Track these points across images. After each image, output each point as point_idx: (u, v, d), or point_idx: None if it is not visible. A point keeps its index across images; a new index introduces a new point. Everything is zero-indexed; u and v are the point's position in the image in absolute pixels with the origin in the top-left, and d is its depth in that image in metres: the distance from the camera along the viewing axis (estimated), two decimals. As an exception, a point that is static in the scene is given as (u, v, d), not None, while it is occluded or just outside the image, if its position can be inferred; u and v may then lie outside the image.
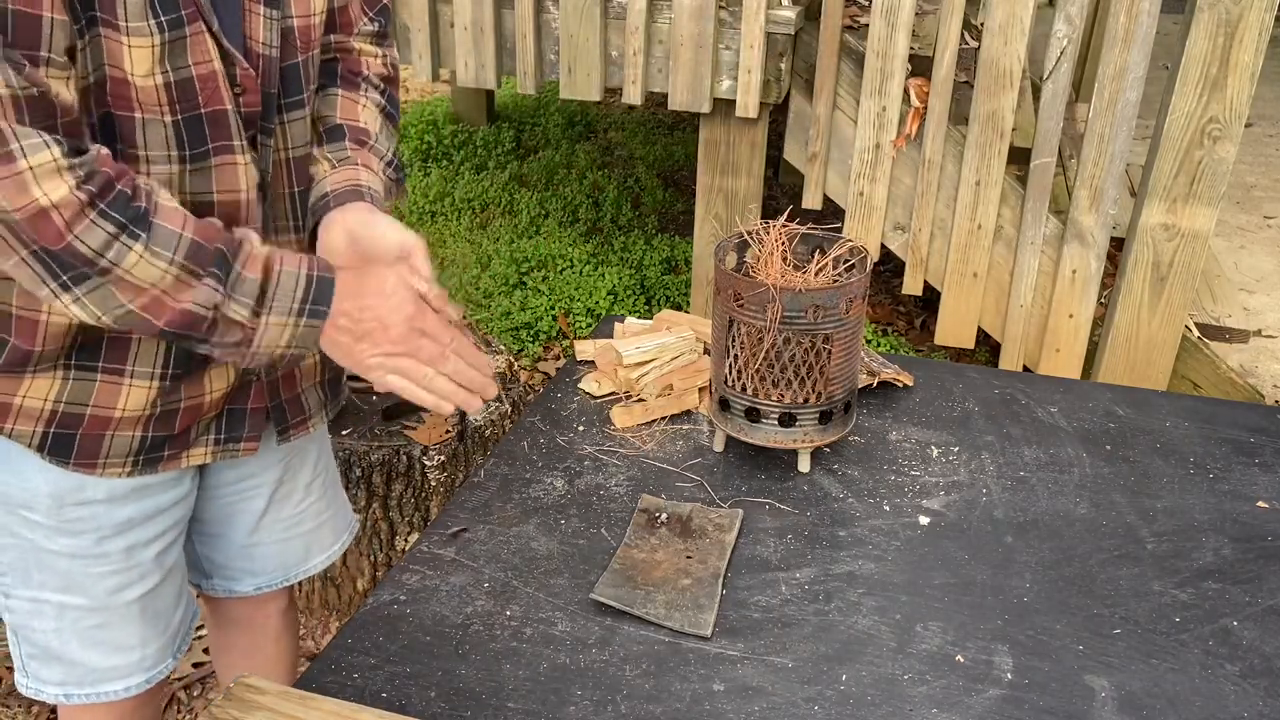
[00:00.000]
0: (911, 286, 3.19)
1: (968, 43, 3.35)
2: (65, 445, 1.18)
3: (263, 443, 1.33)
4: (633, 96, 3.07)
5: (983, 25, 2.84)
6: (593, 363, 1.84)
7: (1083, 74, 4.44)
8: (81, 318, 1.02)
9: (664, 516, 1.44)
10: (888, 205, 3.11)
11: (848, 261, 1.56)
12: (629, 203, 4.58)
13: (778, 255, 1.53)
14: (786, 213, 1.70)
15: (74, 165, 0.96)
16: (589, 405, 1.73)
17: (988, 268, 3.08)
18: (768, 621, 1.28)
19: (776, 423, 1.52)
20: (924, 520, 1.47)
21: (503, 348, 2.64)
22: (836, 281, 1.51)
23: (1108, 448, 1.66)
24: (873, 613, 1.30)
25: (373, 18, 1.35)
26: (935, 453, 1.63)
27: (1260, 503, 1.54)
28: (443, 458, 2.26)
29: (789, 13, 2.94)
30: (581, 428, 1.67)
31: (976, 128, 2.92)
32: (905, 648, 1.25)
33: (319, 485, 1.51)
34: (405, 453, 2.23)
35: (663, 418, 1.70)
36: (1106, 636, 1.27)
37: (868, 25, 2.95)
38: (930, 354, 3.55)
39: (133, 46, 1.02)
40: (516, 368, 2.62)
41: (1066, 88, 2.84)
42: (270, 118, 1.18)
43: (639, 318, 1.95)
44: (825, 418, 1.52)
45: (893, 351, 3.51)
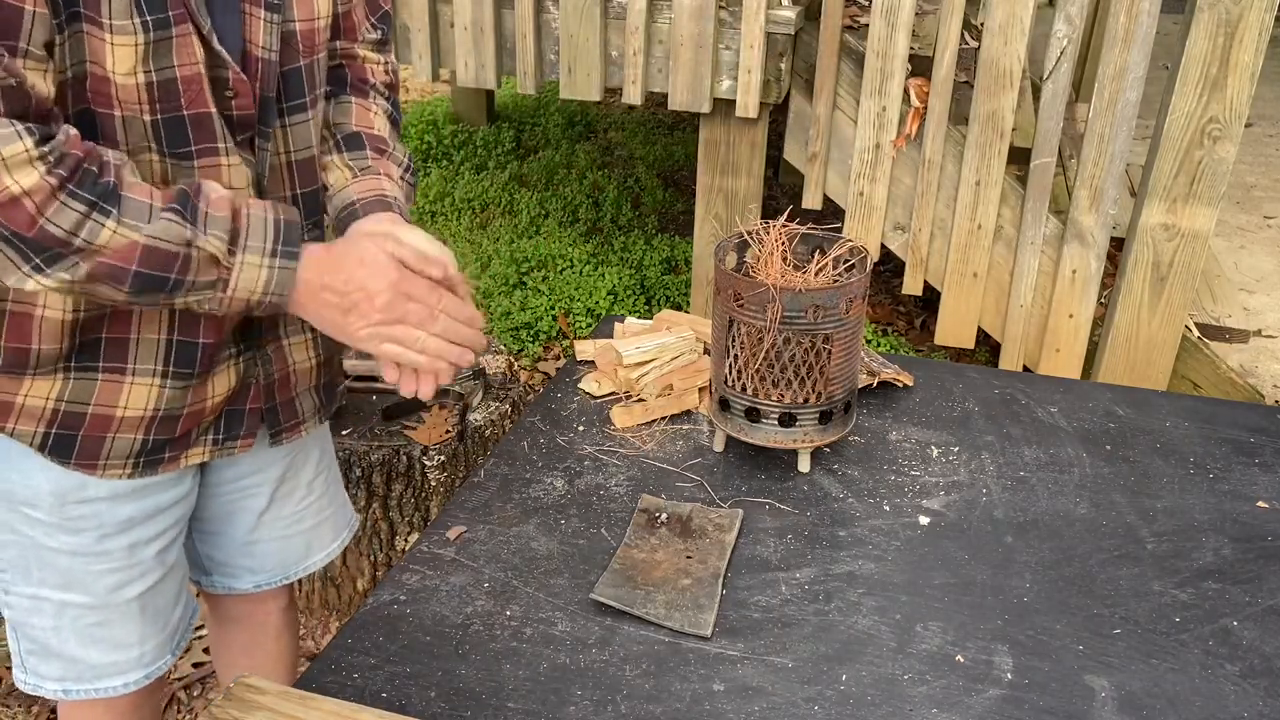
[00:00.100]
0: (911, 286, 3.19)
1: (968, 43, 3.35)
2: (66, 446, 1.18)
3: (257, 442, 1.33)
4: (633, 96, 3.07)
5: (983, 25, 2.84)
6: (593, 363, 1.84)
7: (1083, 74, 4.44)
8: (54, 287, 1.01)
9: (664, 516, 1.44)
10: (888, 205, 3.11)
11: (848, 261, 1.56)
12: (629, 203, 4.58)
13: (778, 255, 1.53)
14: (786, 213, 1.70)
15: (45, 153, 0.95)
16: (589, 405, 1.73)
17: (988, 268, 3.08)
18: (768, 621, 1.28)
19: (776, 423, 1.52)
20: (924, 520, 1.47)
21: (503, 348, 2.64)
22: (836, 281, 1.51)
23: (1108, 448, 1.66)
24: (873, 613, 1.30)
25: (375, 25, 1.35)
26: (935, 453, 1.63)
27: (1260, 503, 1.54)
28: (443, 458, 2.26)
29: (789, 13, 2.94)
30: (581, 428, 1.67)
31: (976, 128, 2.92)
32: (905, 648, 1.25)
33: (320, 483, 1.51)
34: (405, 453, 2.23)
35: (663, 418, 1.70)
36: (1106, 636, 1.27)
37: (868, 25, 2.95)
38: (930, 354, 3.55)
39: (115, 45, 1.02)
40: (516, 368, 2.62)
41: (1066, 88, 2.84)
42: (268, 121, 1.18)
43: (639, 318, 1.95)
44: (825, 418, 1.52)
45: (893, 351, 3.51)
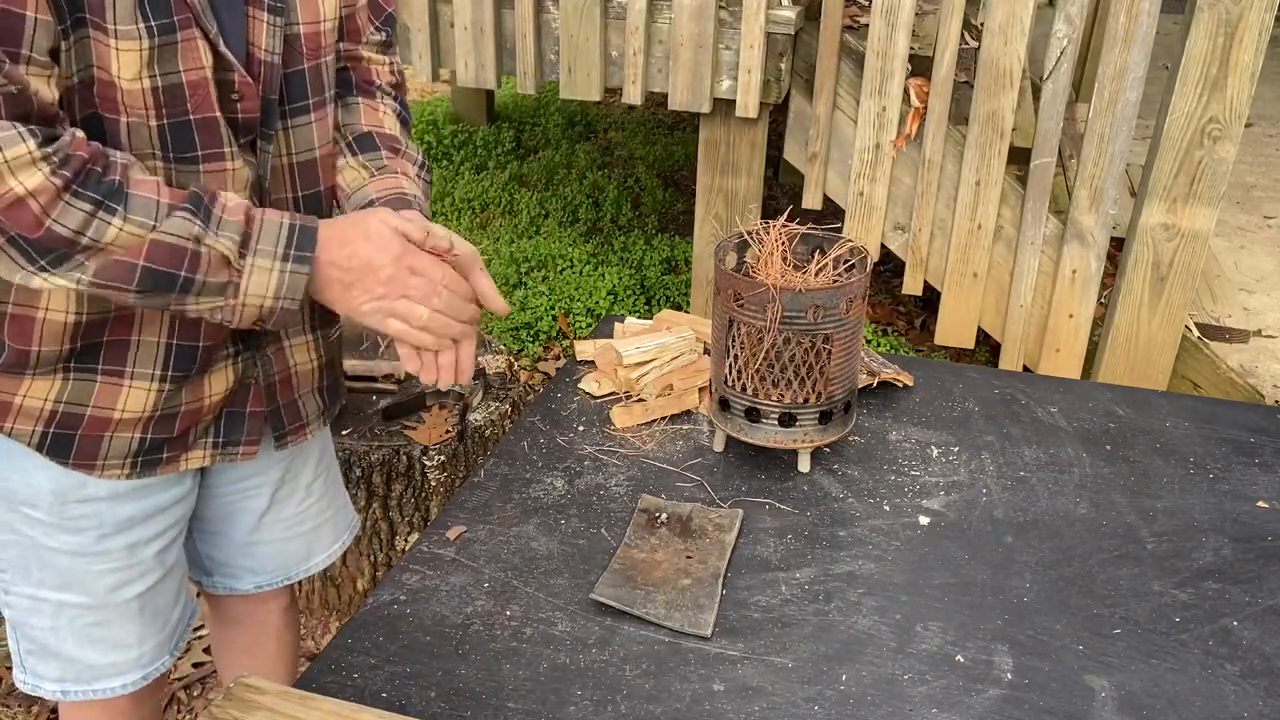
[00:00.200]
0: (911, 286, 3.19)
1: (968, 43, 3.36)
2: (64, 445, 1.18)
3: (261, 447, 1.33)
4: (633, 96, 3.07)
5: (983, 25, 2.84)
6: (593, 363, 1.84)
7: (1083, 74, 4.44)
8: (62, 285, 1.01)
9: (664, 516, 1.44)
10: (888, 205, 3.11)
11: (848, 261, 1.56)
12: (629, 203, 4.58)
13: (778, 255, 1.53)
14: (786, 213, 1.70)
15: (49, 154, 0.95)
16: (589, 405, 1.73)
17: (988, 268, 3.08)
18: (768, 621, 1.28)
19: (776, 423, 1.52)
20: (924, 520, 1.47)
21: (503, 348, 2.64)
22: (836, 281, 1.51)
23: (1108, 448, 1.66)
24: (873, 613, 1.30)
25: (379, 26, 1.34)
26: (935, 453, 1.63)
27: (1260, 503, 1.54)
28: (443, 458, 2.26)
29: (789, 13, 2.94)
30: (581, 428, 1.67)
31: (976, 128, 2.92)
32: (905, 648, 1.25)
33: (320, 485, 1.51)
34: (405, 453, 2.23)
35: (663, 418, 1.70)
36: (1106, 636, 1.27)
37: (868, 25, 2.95)
38: (930, 354, 3.55)
39: (120, 49, 1.01)
40: (516, 368, 2.62)
41: (1066, 88, 2.84)
42: (271, 123, 1.17)
43: (639, 318, 1.95)
44: (825, 418, 1.52)
45: (893, 351, 3.51)
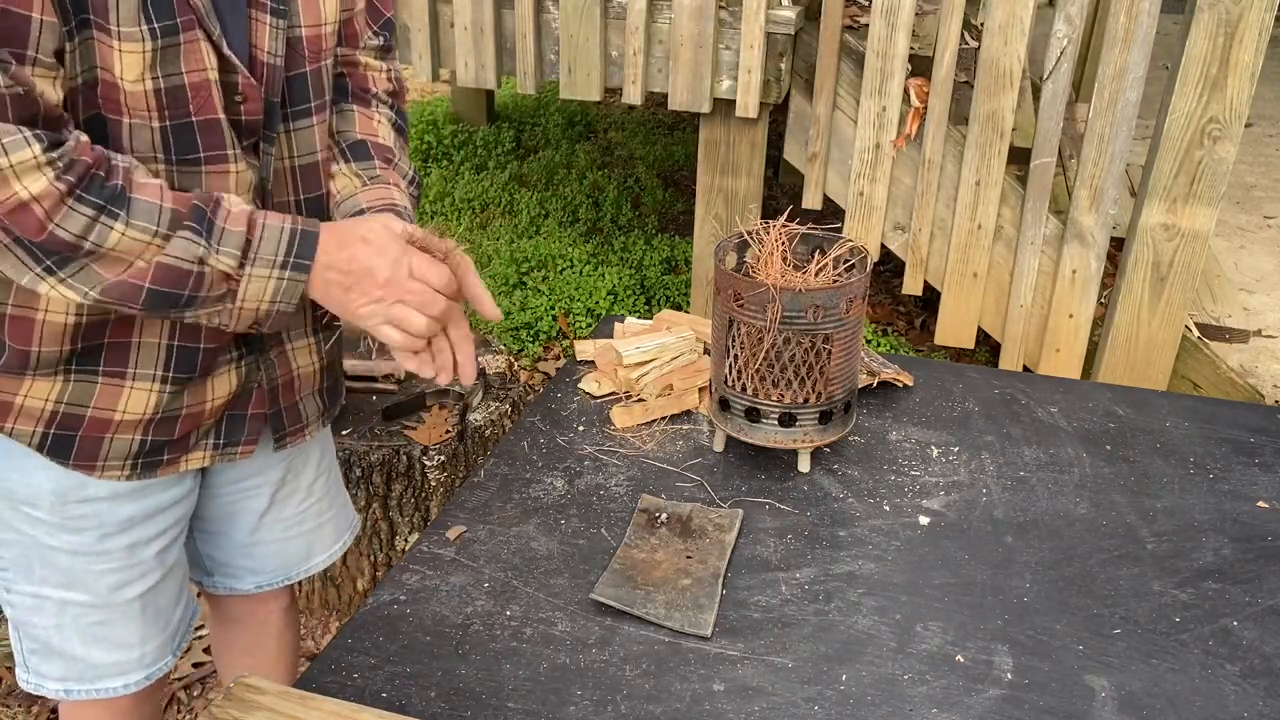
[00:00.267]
0: (911, 286, 3.19)
1: (968, 43, 3.35)
2: (64, 446, 1.18)
3: (260, 447, 1.33)
4: (633, 96, 3.07)
5: (983, 25, 2.84)
6: (593, 363, 1.84)
7: (1083, 74, 4.44)
8: (69, 297, 1.02)
9: (664, 516, 1.44)
10: (888, 205, 3.11)
11: (848, 261, 1.56)
12: (629, 203, 4.58)
13: (778, 255, 1.53)
14: (786, 213, 1.70)
15: (54, 159, 0.96)
16: (589, 405, 1.73)
17: (988, 268, 3.08)
18: (768, 621, 1.28)
19: (776, 423, 1.52)
20: (924, 520, 1.47)
21: (503, 348, 2.64)
22: (836, 281, 1.51)
23: (1108, 448, 1.66)
24: (873, 613, 1.30)
25: (377, 31, 1.34)
26: (935, 453, 1.63)
27: (1260, 503, 1.54)
28: (443, 458, 2.26)
29: (789, 13, 2.94)
30: (581, 428, 1.67)
31: (976, 128, 2.92)
32: (905, 648, 1.25)
33: (321, 485, 1.51)
34: (405, 453, 2.23)
35: (663, 418, 1.70)
36: (1106, 636, 1.27)
37: (868, 25, 2.95)
38: (930, 354, 3.55)
39: (123, 51, 1.01)
40: (516, 368, 2.62)
41: (1066, 88, 2.84)
42: (273, 126, 1.17)
43: (639, 318, 1.95)
44: (825, 418, 1.52)
45: (893, 351, 3.51)
